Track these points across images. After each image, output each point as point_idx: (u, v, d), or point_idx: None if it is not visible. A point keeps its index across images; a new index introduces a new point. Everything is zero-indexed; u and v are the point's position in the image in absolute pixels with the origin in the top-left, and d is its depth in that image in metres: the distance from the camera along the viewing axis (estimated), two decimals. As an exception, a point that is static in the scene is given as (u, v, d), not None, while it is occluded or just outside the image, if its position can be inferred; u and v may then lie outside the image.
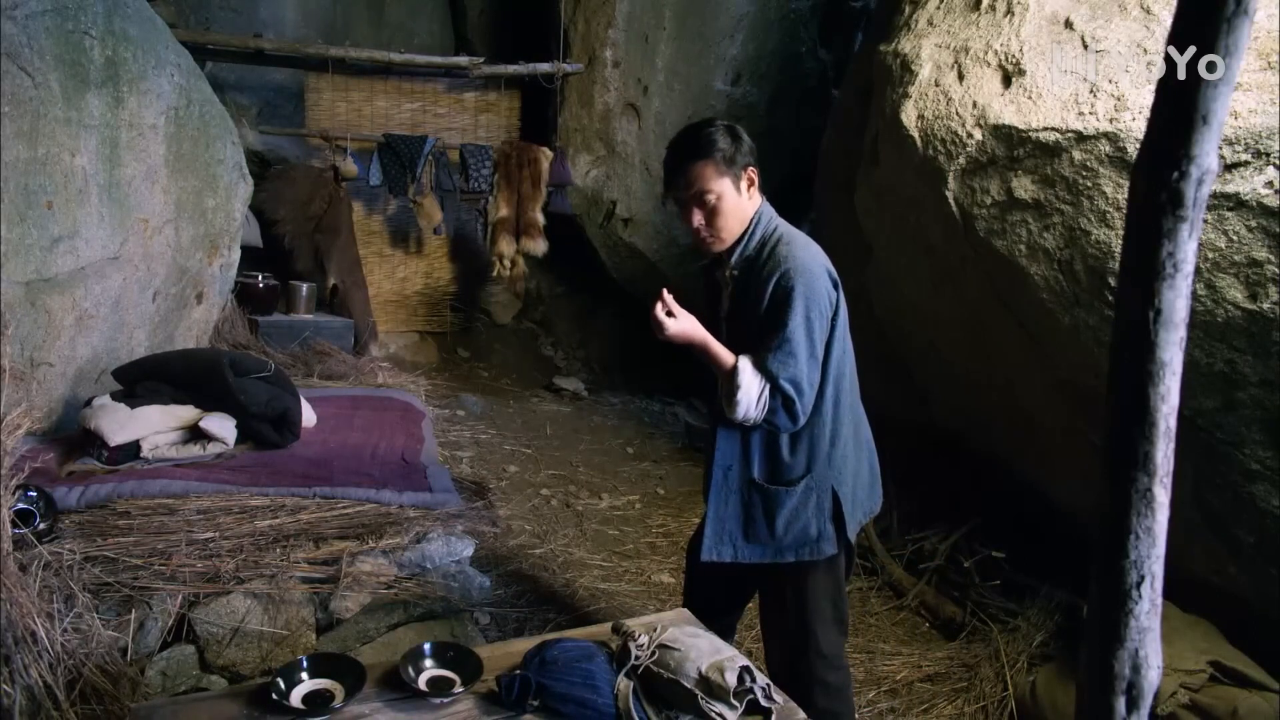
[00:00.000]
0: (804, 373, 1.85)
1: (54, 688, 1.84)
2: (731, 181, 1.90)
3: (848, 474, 2.00)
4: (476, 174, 5.99)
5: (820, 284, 1.88)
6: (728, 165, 1.88)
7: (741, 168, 1.91)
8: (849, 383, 2.01)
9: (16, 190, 2.63)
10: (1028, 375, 3.07)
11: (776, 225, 1.98)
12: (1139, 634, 0.97)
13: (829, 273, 1.92)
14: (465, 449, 4.61)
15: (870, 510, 2.10)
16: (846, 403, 1.99)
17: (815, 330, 1.86)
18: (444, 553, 2.58)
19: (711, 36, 6.15)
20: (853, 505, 2.00)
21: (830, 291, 1.90)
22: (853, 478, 2.02)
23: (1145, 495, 0.95)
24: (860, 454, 2.07)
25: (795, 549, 1.97)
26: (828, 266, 1.93)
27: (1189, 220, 0.91)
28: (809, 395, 1.87)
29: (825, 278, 1.90)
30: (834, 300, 1.91)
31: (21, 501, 2.16)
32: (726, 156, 1.88)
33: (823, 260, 1.93)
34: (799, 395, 1.85)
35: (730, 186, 1.90)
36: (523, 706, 1.56)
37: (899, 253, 3.65)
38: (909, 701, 2.76)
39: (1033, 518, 3.44)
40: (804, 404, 1.87)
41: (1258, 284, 2.27)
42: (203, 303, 4.00)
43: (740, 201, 1.92)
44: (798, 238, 1.96)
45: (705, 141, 1.89)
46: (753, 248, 1.95)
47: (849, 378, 2.02)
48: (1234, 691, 2.32)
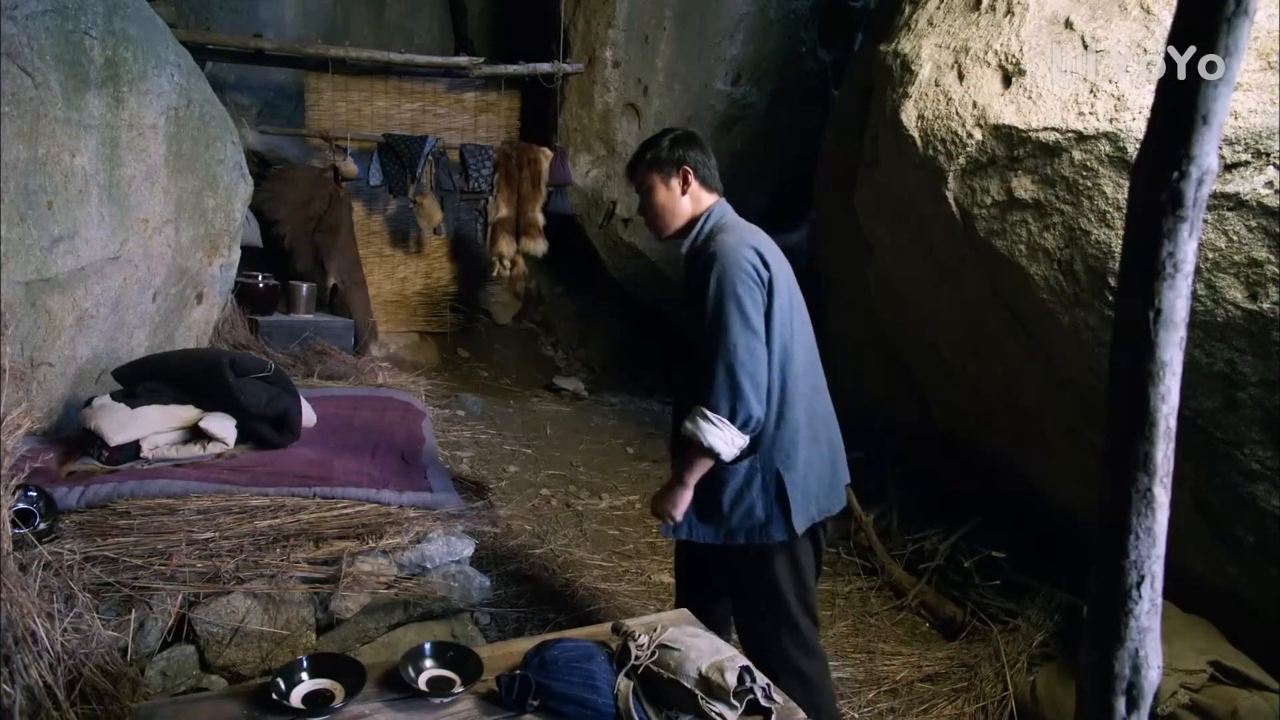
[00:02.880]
0: (735, 351, 1.92)
1: (54, 688, 1.84)
2: (661, 179, 2.14)
3: (798, 462, 2.02)
4: (476, 174, 5.99)
5: (740, 258, 1.97)
6: (658, 165, 2.14)
7: (674, 166, 2.12)
8: (799, 369, 2.04)
9: (16, 190, 2.63)
10: (1028, 375, 3.07)
11: (724, 221, 2.12)
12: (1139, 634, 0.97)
13: (755, 250, 2.00)
14: (465, 449, 4.61)
15: (826, 509, 2.10)
16: (797, 390, 2.03)
17: (748, 309, 1.94)
18: (444, 553, 2.58)
19: (711, 36, 6.15)
20: (803, 495, 2.02)
21: (755, 265, 1.98)
22: (804, 467, 2.03)
23: (1145, 495, 0.95)
24: (817, 449, 2.08)
25: (744, 532, 2.03)
26: (756, 246, 2.01)
27: (1189, 220, 0.91)
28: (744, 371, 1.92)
29: (748, 254, 1.99)
30: (764, 276, 1.99)
31: (21, 501, 2.16)
32: (659, 158, 2.14)
33: (752, 241, 2.03)
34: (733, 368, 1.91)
35: (660, 182, 2.14)
36: (523, 706, 1.56)
37: (899, 253, 3.65)
38: (909, 701, 2.76)
39: (1033, 518, 3.45)
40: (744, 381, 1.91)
41: (1258, 284, 2.27)
42: (203, 303, 4.00)
43: (671, 197, 2.14)
44: (736, 228, 2.09)
45: (648, 146, 2.20)
46: (700, 241, 2.10)
47: (799, 364, 2.05)
48: (1234, 691, 2.32)
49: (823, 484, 2.08)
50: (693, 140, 2.17)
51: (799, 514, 2.00)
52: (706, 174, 2.15)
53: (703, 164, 2.14)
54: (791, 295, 2.06)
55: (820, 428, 2.10)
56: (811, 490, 2.05)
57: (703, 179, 2.14)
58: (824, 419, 2.13)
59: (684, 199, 2.14)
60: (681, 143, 2.14)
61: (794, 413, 2.01)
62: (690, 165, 2.12)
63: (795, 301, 2.07)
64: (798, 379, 2.03)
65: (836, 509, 2.13)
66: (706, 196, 2.15)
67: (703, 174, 2.14)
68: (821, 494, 2.08)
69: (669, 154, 2.13)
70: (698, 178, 2.13)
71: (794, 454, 2.01)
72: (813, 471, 2.05)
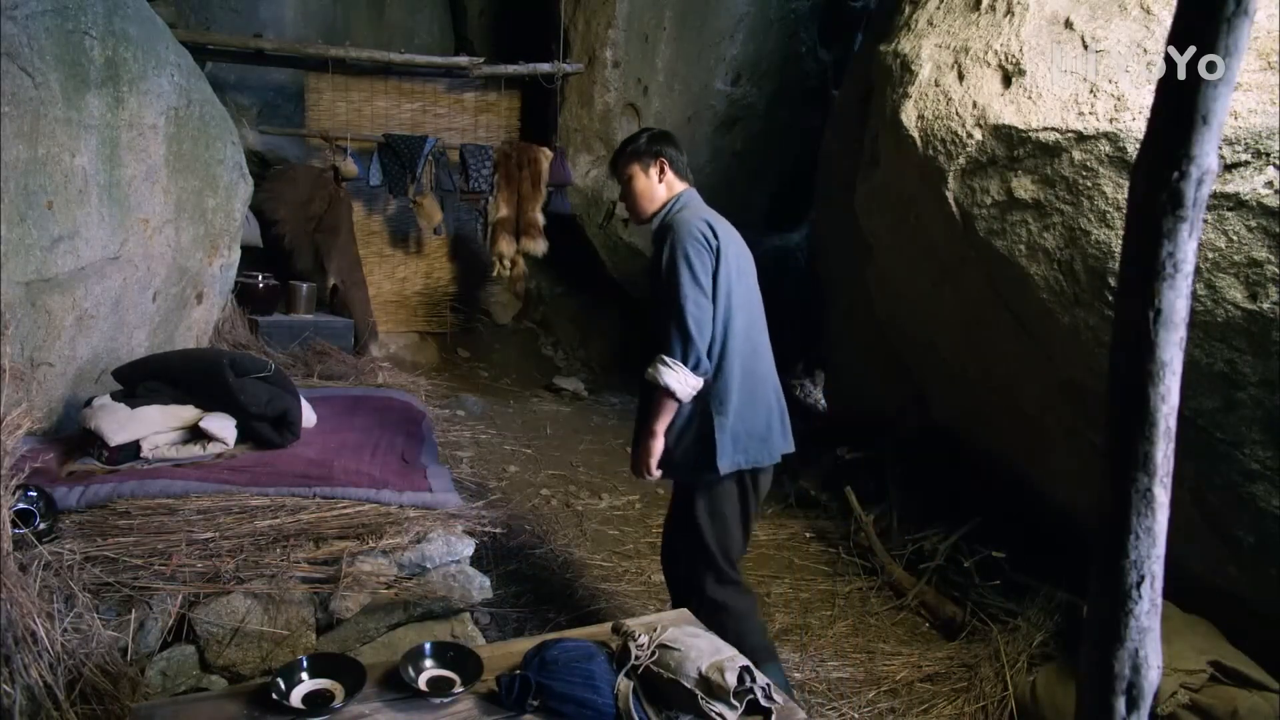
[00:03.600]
0: (685, 303, 2.20)
1: (54, 688, 1.84)
2: (641, 168, 2.45)
3: (728, 410, 2.27)
4: (476, 174, 5.99)
5: (690, 229, 2.27)
6: (638, 157, 2.45)
7: (652, 158, 2.44)
8: (739, 330, 2.30)
9: (16, 190, 2.63)
10: (1028, 375, 3.07)
11: (688, 203, 2.42)
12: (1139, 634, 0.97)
13: (707, 223, 2.29)
14: (465, 449, 4.61)
15: (755, 461, 2.32)
16: (734, 348, 2.29)
17: (696, 268, 2.22)
18: (444, 553, 2.58)
19: (711, 36, 6.15)
20: (731, 441, 2.27)
21: (705, 234, 2.26)
22: (734, 416, 2.28)
23: (1145, 495, 0.95)
24: (750, 405, 2.32)
25: (686, 469, 2.33)
26: (708, 220, 2.31)
27: (1189, 220, 0.91)
28: (693, 320, 2.19)
29: (700, 225, 2.28)
30: (712, 245, 2.26)
31: (21, 501, 2.16)
32: (639, 151, 2.46)
33: (706, 216, 2.33)
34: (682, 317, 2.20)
35: (640, 171, 2.45)
36: (523, 706, 1.56)
37: (899, 253, 3.65)
38: (909, 701, 2.76)
39: (1033, 518, 3.45)
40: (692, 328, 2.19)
41: (1258, 284, 2.27)
42: (203, 303, 4.00)
43: (649, 184, 2.45)
44: (696, 208, 2.39)
45: (629, 141, 2.52)
46: (666, 218, 2.39)
47: (739, 326, 2.30)
48: (1234, 691, 2.32)
49: (753, 437, 2.31)
50: (668, 137, 2.50)
51: (723, 457, 2.25)
52: (679, 166, 2.47)
53: (676, 157, 2.46)
54: (739, 268, 2.33)
55: (756, 387, 2.34)
56: (740, 440, 2.29)
57: (676, 170, 2.46)
58: (761, 380, 2.37)
59: (660, 186, 2.45)
60: (658, 139, 2.48)
61: (729, 367, 2.28)
62: (666, 158, 2.44)
63: (742, 274, 2.34)
64: (736, 338, 2.29)
65: (766, 463, 2.36)
66: (678, 184, 2.47)
67: (676, 166, 2.46)
68: (752, 446, 2.31)
69: (648, 147, 2.45)
70: (672, 169, 2.45)
71: (726, 403, 2.27)
72: (743, 423, 2.29)
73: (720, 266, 2.26)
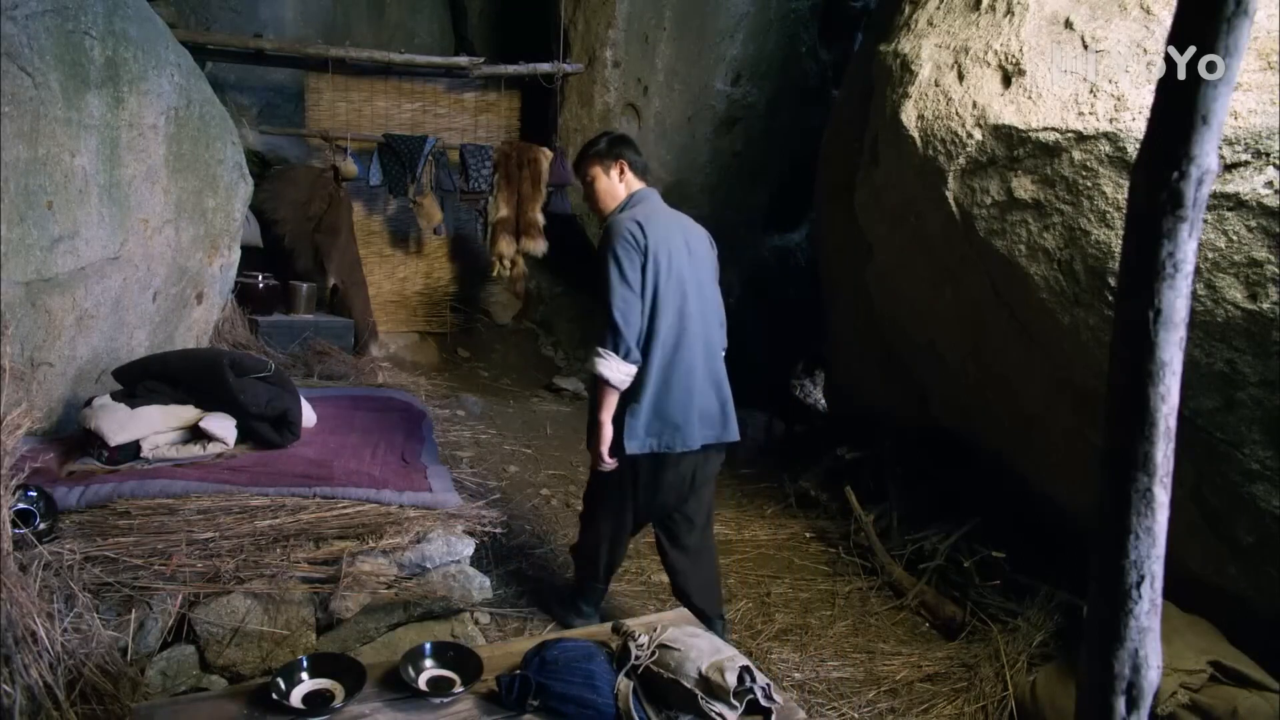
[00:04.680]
0: (615, 299, 2.40)
1: (54, 688, 1.84)
2: (602, 169, 2.63)
3: (643, 398, 2.47)
4: (476, 174, 5.99)
5: (623, 228, 2.45)
6: (600, 159, 2.63)
7: (613, 159, 2.62)
8: (666, 324, 2.46)
9: (16, 190, 2.63)
10: (1028, 375, 3.07)
11: (637, 202, 2.58)
12: (1139, 634, 0.97)
13: (638, 223, 2.45)
14: (465, 449, 4.61)
15: (669, 445, 2.50)
16: (659, 341, 2.45)
17: (625, 267, 2.41)
18: (444, 553, 2.58)
19: (711, 36, 6.14)
20: (644, 425, 2.48)
21: (634, 234, 2.43)
22: (649, 403, 2.47)
23: (1145, 495, 0.95)
24: (668, 393, 2.48)
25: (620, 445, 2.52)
26: (640, 221, 2.46)
27: (1189, 220, 0.91)
28: (620, 314, 2.39)
29: (630, 225, 2.45)
30: (640, 244, 2.42)
31: (21, 501, 2.16)
32: (600, 153, 2.63)
33: (639, 217, 2.48)
34: (611, 312, 2.40)
35: (601, 173, 2.63)
36: (523, 706, 1.56)
37: (899, 253, 3.65)
38: (909, 701, 2.76)
39: (1033, 518, 3.45)
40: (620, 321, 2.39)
41: (1258, 284, 2.27)
42: (203, 303, 4.00)
43: (610, 184, 2.63)
44: (641, 207, 2.56)
45: (591, 144, 2.69)
46: (608, 221, 2.56)
47: (666, 320, 2.46)
48: (1234, 691, 2.32)
49: (669, 424, 2.49)
50: (626, 140, 2.70)
51: (632, 440, 2.48)
52: (638, 167, 2.65)
53: (635, 159, 2.65)
54: (670, 268, 2.46)
55: (679, 377, 2.49)
56: (654, 425, 2.49)
57: (635, 170, 2.64)
58: (687, 371, 2.50)
59: (620, 186, 2.63)
60: (617, 142, 2.66)
61: (651, 358, 2.45)
62: (625, 159, 2.62)
63: (674, 272, 2.47)
64: (660, 332, 2.45)
65: (679, 449, 2.51)
66: (636, 184, 2.64)
67: (635, 167, 2.64)
68: (667, 431, 2.50)
69: (608, 150, 2.63)
70: (631, 170, 2.63)
71: (642, 391, 2.46)
72: (657, 410, 2.48)
73: (648, 264, 2.42)
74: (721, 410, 2.60)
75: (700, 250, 2.60)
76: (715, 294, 2.66)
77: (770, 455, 5.44)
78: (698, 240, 2.61)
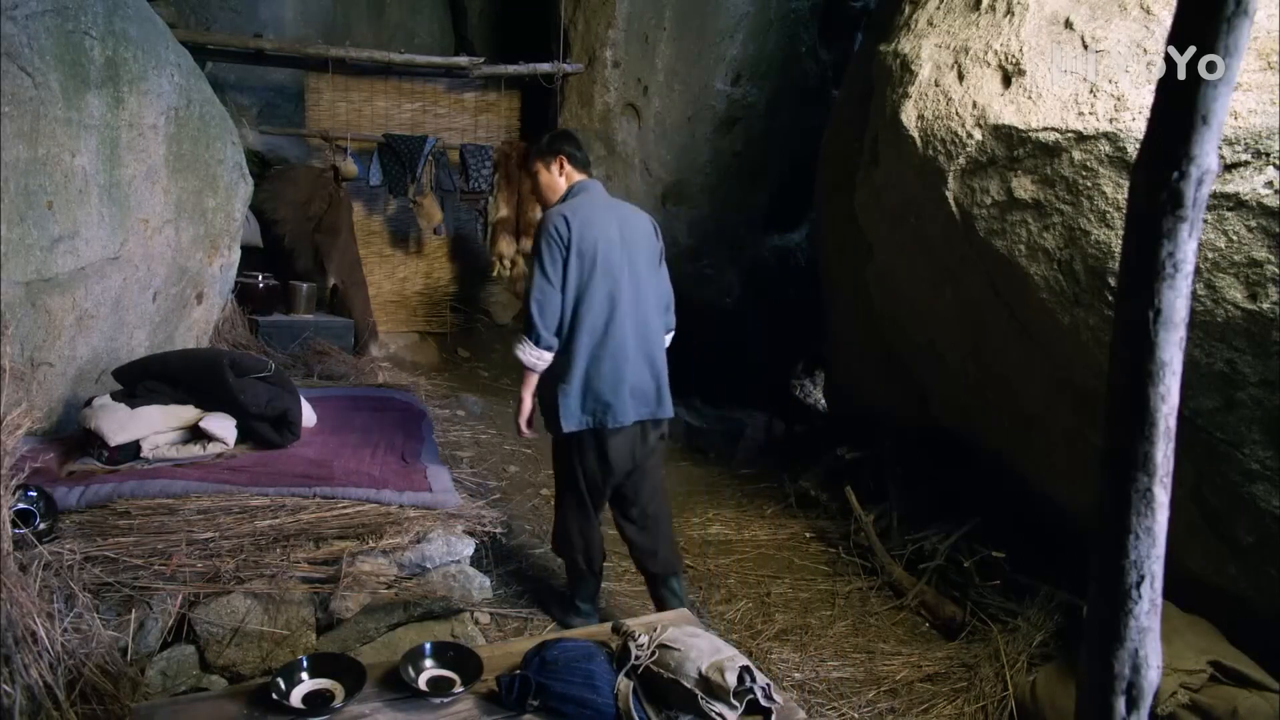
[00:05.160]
0: (533, 290, 2.60)
1: (54, 688, 1.84)
2: (544, 165, 2.82)
3: (572, 379, 2.64)
4: (476, 174, 5.99)
5: (549, 223, 2.63)
6: (541, 155, 2.83)
7: (552, 155, 2.80)
8: (592, 311, 2.61)
9: (16, 190, 2.63)
10: (1028, 375, 3.07)
11: (577, 192, 2.77)
12: (1139, 634, 0.97)
13: (563, 217, 2.61)
14: (465, 449, 4.60)
15: (602, 422, 2.65)
16: (584, 326, 2.61)
17: (545, 261, 2.59)
18: (444, 553, 2.58)
19: (711, 36, 6.14)
20: (576, 404, 2.65)
21: (558, 228, 2.60)
22: (577, 383, 2.64)
23: (1145, 495, 0.95)
24: (598, 374, 2.64)
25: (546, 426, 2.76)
26: (565, 214, 2.62)
27: (1189, 220, 0.91)
28: (536, 305, 2.59)
29: (556, 220, 2.61)
30: (563, 237, 2.58)
31: (21, 501, 2.16)
32: (541, 150, 2.84)
33: (566, 211, 2.64)
34: (529, 303, 2.60)
35: (543, 168, 2.83)
36: (523, 706, 1.56)
37: (899, 253, 3.65)
38: (909, 701, 2.76)
39: (1033, 518, 3.44)
40: (534, 312, 2.59)
41: (1258, 284, 2.26)
42: (203, 303, 4.00)
43: (551, 177, 2.82)
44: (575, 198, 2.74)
45: (536, 143, 2.90)
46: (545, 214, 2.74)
47: (593, 307, 2.61)
48: (1234, 691, 2.32)
49: (599, 401, 2.65)
50: (568, 136, 2.89)
51: (568, 419, 2.65)
52: (577, 160, 2.82)
53: (574, 153, 2.82)
54: (597, 255, 2.60)
55: (609, 357, 2.63)
56: (588, 403, 2.65)
57: (575, 164, 2.82)
58: (615, 352, 2.64)
59: (560, 179, 2.81)
60: (558, 139, 2.86)
61: (577, 343, 2.62)
62: (565, 154, 2.80)
63: (603, 260, 2.61)
64: (589, 317, 2.61)
65: (611, 425, 2.66)
66: (577, 176, 2.82)
67: (575, 160, 2.81)
68: (597, 409, 2.65)
69: (549, 147, 2.83)
70: (571, 163, 2.81)
71: (570, 373, 2.63)
72: (589, 390, 2.64)
73: (571, 255, 2.58)
74: (656, 388, 2.74)
75: (635, 237, 2.72)
76: (654, 278, 2.79)
77: (770, 455, 5.43)
78: (634, 228, 2.74)
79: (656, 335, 2.78)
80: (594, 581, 2.96)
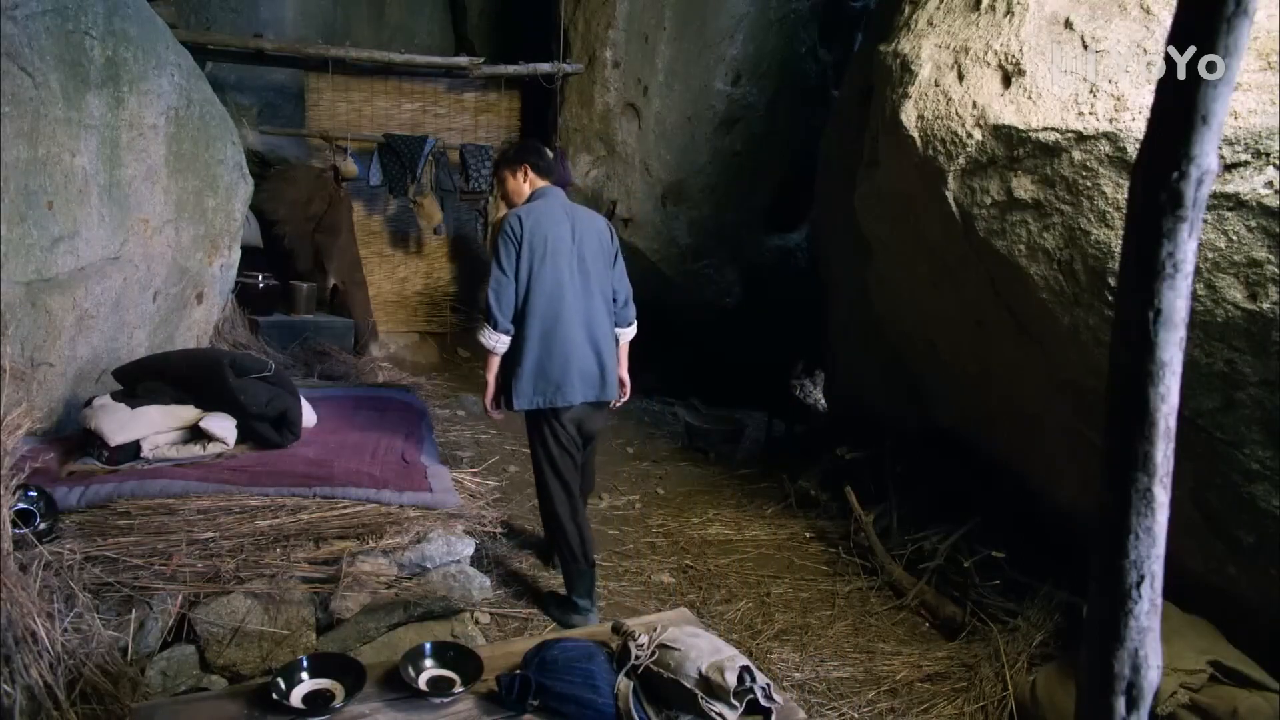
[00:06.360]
0: (491, 281, 2.88)
1: (54, 688, 1.84)
2: (510, 172, 3.08)
3: (524, 361, 2.88)
4: (476, 174, 5.99)
5: (505, 222, 2.91)
6: (508, 164, 3.10)
7: (517, 164, 3.06)
8: (540, 301, 2.87)
9: (17, 190, 2.63)
10: (1028, 375, 3.07)
11: (535, 197, 3.02)
12: (1139, 634, 0.97)
13: (518, 216, 2.90)
14: (465, 449, 4.61)
15: (551, 401, 2.90)
16: (534, 314, 2.87)
17: (501, 255, 2.87)
18: (444, 553, 2.58)
19: (711, 36, 6.14)
20: (529, 384, 2.89)
21: (512, 226, 2.88)
22: (529, 366, 2.88)
23: (1145, 495, 0.95)
24: (548, 358, 2.88)
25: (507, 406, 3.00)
26: (520, 214, 2.91)
27: (1189, 220, 0.91)
28: (494, 294, 2.86)
29: (511, 219, 2.90)
30: (516, 234, 2.86)
31: (22, 501, 2.16)
32: (508, 159, 3.12)
33: (521, 211, 2.93)
34: (488, 292, 2.88)
35: (509, 175, 3.08)
36: (523, 706, 1.56)
37: (899, 252, 3.65)
38: (909, 701, 2.76)
39: (1033, 518, 3.44)
40: (492, 300, 2.86)
41: (1258, 284, 2.27)
42: (203, 303, 4.00)
43: (516, 184, 3.07)
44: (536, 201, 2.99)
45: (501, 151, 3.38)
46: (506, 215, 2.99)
47: (541, 298, 2.87)
48: (1234, 691, 2.32)
49: (549, 382, 2.89)
50: (533, 147, 3.16)
51: (520, 399, 2.91)
52: (540, 167, 3.06)
53: (537, 162, 3.07)
54: (547, 251, 2.86)
55: (558, 343, 2.88)
56: (539, 384, 2.89)
57: (538, 171, 3.06)
58: (563, 339, 2.89)
59: (525, 185, 3.06)
60: (523, 150, 3.13)
61: (528, 330, 2.87)
62: (528, 163, 3.05)
63: (552, 255, 2.87)
64: (539, 307, 2.86)
65: (561, 404, 2.91)
66: (540, 182, 3.06)
67: (538, 168, 3.06)
68: (548, 390, 2.90)
69: (515, 156, 3.09)
70: (534, 171, 3.06)
71: (522, 356, 2.88)
72: (539, 372, 2.88)
73: (522, 250, 2.85)
74: (600, 372, 2.98)
75: (587, 237, 2.97)
76: (605, 274, 3.04)
77: (770, 455, 5.43)
78: (587, 229, 2.99)
79: (604, 325, 3.01)
80: (590, 575, 3.01)
